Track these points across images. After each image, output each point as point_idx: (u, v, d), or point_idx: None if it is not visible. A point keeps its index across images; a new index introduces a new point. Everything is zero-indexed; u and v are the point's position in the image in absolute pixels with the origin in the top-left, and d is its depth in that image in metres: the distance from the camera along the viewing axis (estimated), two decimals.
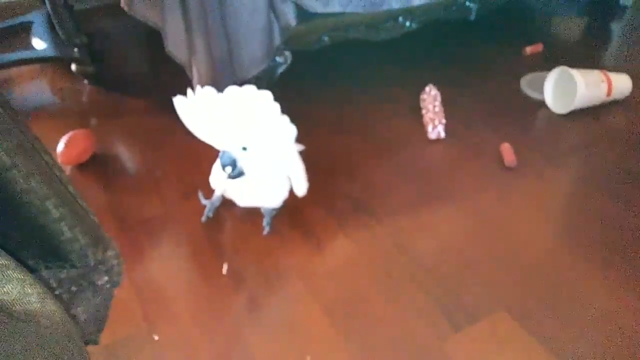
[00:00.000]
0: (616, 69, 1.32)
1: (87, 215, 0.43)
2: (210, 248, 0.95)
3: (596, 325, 0.79)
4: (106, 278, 0.51)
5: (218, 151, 0.83)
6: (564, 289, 0.85)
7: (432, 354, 0.76)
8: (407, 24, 1.30)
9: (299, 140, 1.08)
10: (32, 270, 0.42)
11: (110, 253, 0.49)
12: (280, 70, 1.19)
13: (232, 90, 0.77)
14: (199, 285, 0.89)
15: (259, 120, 0.79)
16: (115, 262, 0.51)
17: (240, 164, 0.83)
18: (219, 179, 0.94)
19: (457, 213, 1.02)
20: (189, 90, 0.78)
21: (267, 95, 0.77)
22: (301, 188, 0.96)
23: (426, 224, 0.99)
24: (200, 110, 0.78)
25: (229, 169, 0.82)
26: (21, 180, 0.33)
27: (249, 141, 0.81)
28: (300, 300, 0.85)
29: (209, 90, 0.77)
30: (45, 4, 1.34)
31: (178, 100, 0.79)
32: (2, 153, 0.32)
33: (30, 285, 0.31)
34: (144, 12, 1.05)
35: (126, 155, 1.21)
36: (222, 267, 0.90)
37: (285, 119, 0.82)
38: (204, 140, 0.82)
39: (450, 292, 0.85)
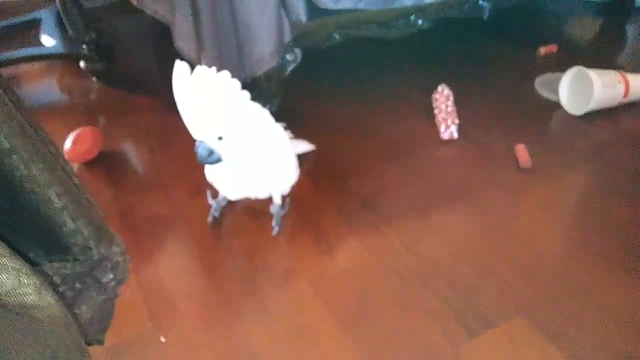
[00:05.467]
0: (631, 70, 1.29)
1: (92, 207, 0.41)
2: (217, 248, 0.93)
3: (618, 330, 0.76)
4: (111, 275, 0.49)
5: None
6: (583, 293, 0.83)
7: None
8: (420, 22, 1.28)
9: (309, 139, 1.07)
10: (33, 264, 0.40)
11: (115, 249, 0.47)
12: (290, 68, 1.18)
13: (200, 71, 0.74)
14: (206, 286, 0.87)
15: (231, 109, 0.77)
16: (120, 258, 0.49)
17: (218, 152, 0.80)
18: (208, 172, 0.92)
19: (471, 215, 0.99)
20: (195, 68, 0.74)
21: (235, 83, 0.75)
22: (288, 179, 0.94)
23: (438, 226, 0.97)
24: (188, 91, 0.75)
25: (205, 159, 0.80)
26: (22, 167, 0.31)
27: (224, 130, 0.78)
28: (309, 302, 0.82)
29: (206, 70, 0.74)
30: (54, 1, 1.33)
31: (180, 66, 0.74)
32: (1, 137, 0.30)
33: (27, 275, 0.29)
34: (153, 6, 1.04)
35: (134, 153, 1.20)
36: (230, 268, 0.89)
37: (257, 105, 0.80)
38: (185, 123, 0.79)
39: (464, 296, 0.82)
